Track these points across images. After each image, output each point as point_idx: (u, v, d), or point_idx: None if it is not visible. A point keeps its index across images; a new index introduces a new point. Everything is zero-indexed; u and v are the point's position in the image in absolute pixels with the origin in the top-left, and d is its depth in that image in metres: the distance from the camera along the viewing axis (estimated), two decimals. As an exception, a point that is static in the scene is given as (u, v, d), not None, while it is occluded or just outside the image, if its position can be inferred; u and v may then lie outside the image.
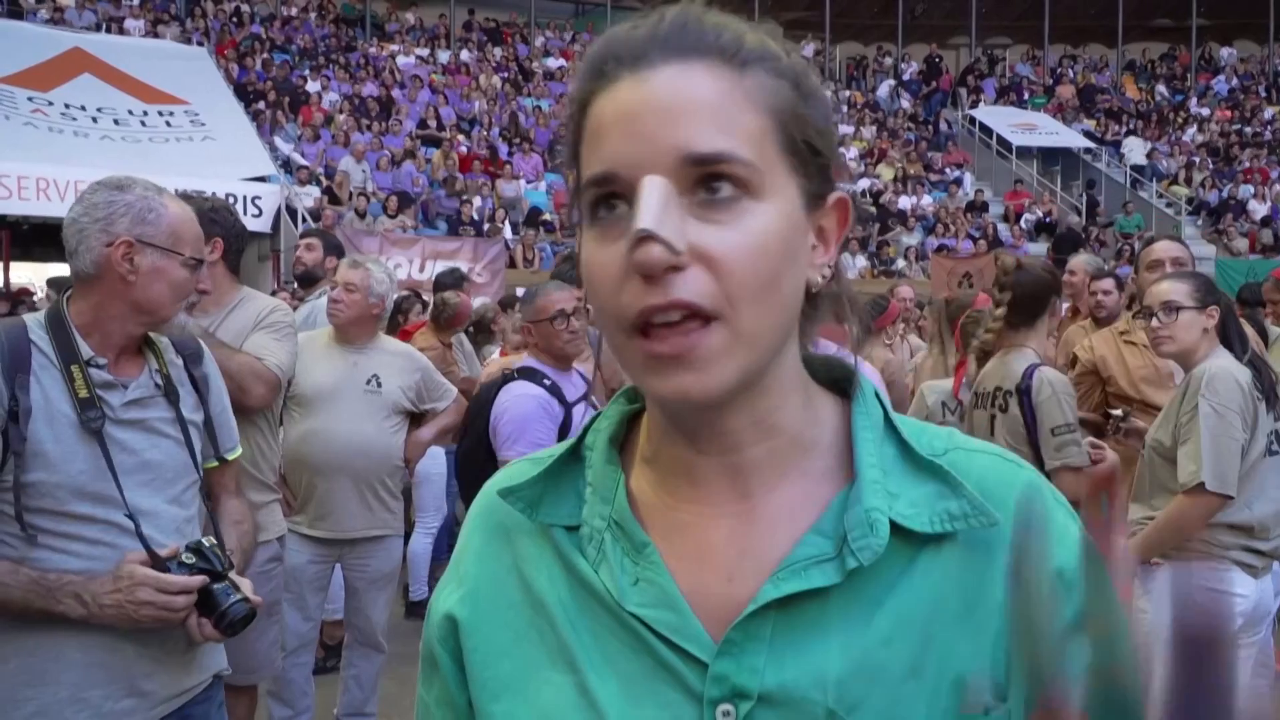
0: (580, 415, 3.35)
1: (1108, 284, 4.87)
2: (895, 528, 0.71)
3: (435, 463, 5.75)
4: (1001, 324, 3.27)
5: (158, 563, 1.90)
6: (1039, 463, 3.10)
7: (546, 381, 3.32)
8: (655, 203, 0.65)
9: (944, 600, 0.72)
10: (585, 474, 0.80)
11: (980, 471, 0.75)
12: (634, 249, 0.65)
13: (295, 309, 4.26)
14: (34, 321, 1.98)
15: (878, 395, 0.79)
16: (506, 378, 3.36)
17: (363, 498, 3.69)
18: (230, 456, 2.25)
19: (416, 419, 3.93)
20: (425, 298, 7.05)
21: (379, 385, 3.71)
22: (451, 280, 6.70)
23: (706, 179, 0.67)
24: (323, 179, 15.21)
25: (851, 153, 20.23)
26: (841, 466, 0.76)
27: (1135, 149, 22.50)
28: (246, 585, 2.02)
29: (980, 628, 0.71)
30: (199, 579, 1.93)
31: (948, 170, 21.19)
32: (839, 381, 0.80)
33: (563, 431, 3.29)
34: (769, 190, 0.69)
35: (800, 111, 0.71)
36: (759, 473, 0.75)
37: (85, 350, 1.94)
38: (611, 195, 0.69)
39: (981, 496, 0.73)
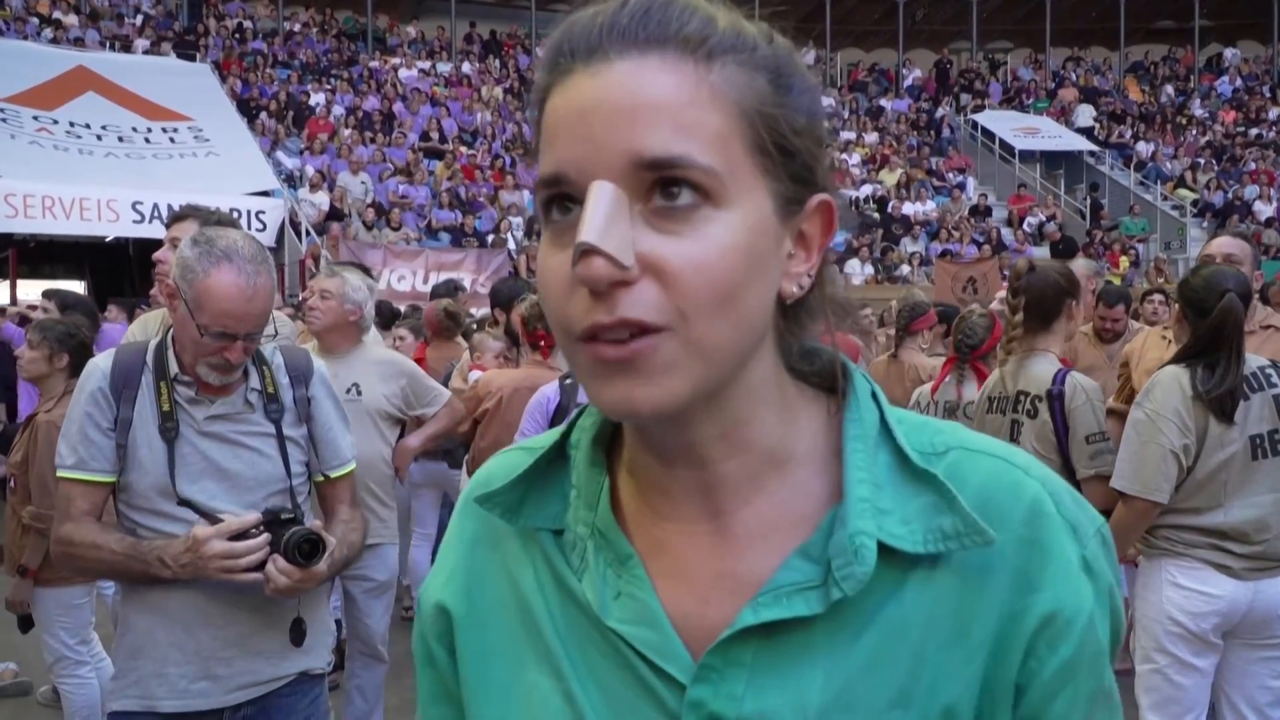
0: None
1: (1118, 311, 4.89)
2: (885, 547, 0.66)
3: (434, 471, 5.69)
4: (1021, 329, 3.22)
5: (213, 521, 2.10)
6: (1069, 471, 3.07)
7: (568, 380, 3.42)
8: (600, 213, 0.60)
9: (935, 624, 0.67)
10: (570, 475, 0.76)
11: (984, 478, 0.69)
12: (576, 263, 0.60)
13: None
14: (154, 342, 2.23)
15: (875, 395, 0.73)
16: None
17: None
18: (333, 474, 2.38)
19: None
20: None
21: (358, 393, 3.70)
22: (446, 291, 6.71)
23: (662, 184, 0.62)
24: (326, 192, 15.25)
25: (854, 159, 20.23)
26: (826, 478, 0.71)
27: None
28: (315, 524, 2.17)
29: (970, 655, 0.67)
30: (257, 540, 2.07)
31: (950, 175, 21.18)
32: (829, 383, 0.75)
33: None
34: (733, 197, 0.63)
35: (776, 108, 0.65)
36: (731, 488, 0.70)
37: (173, 369, 2.17)
38: (564, 196, 0.64)
39: (983, 505, 0.67)
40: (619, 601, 0.71)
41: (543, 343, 4.08)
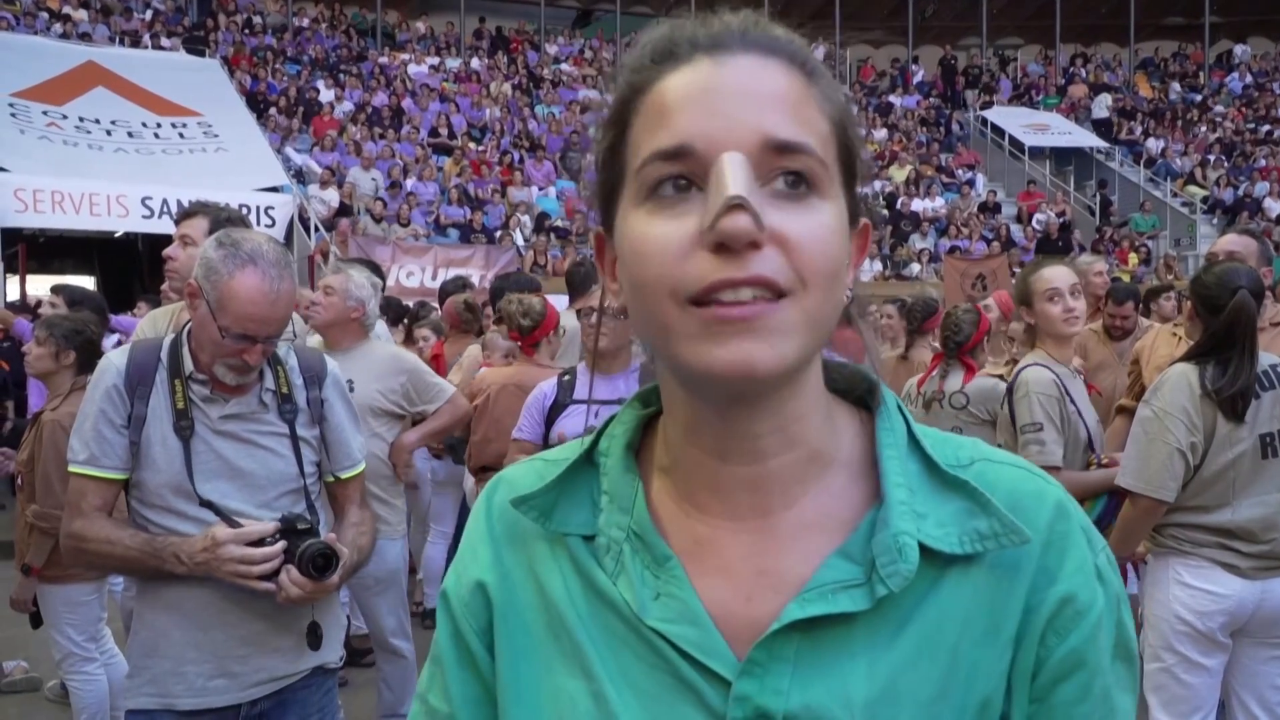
0: (577, 414, 3.35)
1: (1127, 309, 4.90)
2: (924, 548, 0.70)
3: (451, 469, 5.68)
4: (1022, 328, 3.38)
5: (232, 524, 2.10)
6: None
7: (565, 377, 3.41)
8: (743, 175, 0.64)
9: (970, 622, 0.70)
10: (600, 481, 0.78)
11: (1009, 485, 0.73)
12: (721, 217, 0.63)
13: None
14: (169, 339, 2.23)
15: (900, 408, 0.78)
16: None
17: None
18: (344, 475, 2.40)
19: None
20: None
21: (351, 389, 3.66)
22: (455, 288, 6.70)
23: (782, 171, 0.67)
24: (336, 188, 15.27)
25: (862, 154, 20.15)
26: (863, 483, 0.75)
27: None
28: (330, 537, 2.18)
29: (1002, 650, 0.70)
30: (272, 548, 2.09)
31: (960, 172, 21.12)
32: (857, 392, 0.79)
33: (549, 424, 3.41)
34: (831, 193, 0.69)
35: (853, 130, 0.73)
36: (781, 486, 0.73)
37: (188, 366, 2.17)
38: (679, 176, 0.67)
39: (1012, 509, 0.71)
40: (659, 602, 0.72)
41: (519, 342, 4.07)
